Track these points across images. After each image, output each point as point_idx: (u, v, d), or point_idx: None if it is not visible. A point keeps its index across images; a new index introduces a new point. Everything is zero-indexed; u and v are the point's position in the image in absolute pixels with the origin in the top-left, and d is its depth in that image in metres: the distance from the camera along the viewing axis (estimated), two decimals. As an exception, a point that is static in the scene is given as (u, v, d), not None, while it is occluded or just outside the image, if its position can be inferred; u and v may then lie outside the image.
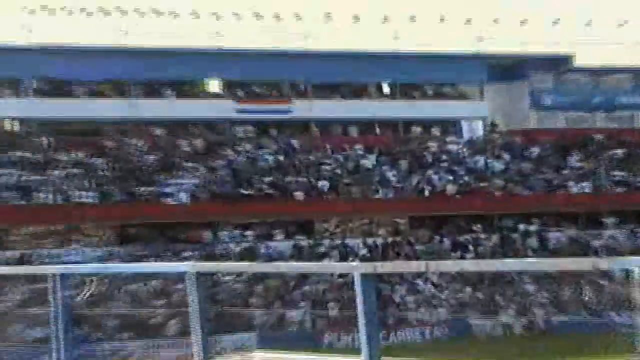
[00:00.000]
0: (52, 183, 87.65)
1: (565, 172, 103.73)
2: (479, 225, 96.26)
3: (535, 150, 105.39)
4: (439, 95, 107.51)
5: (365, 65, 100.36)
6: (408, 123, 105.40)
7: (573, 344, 59.29)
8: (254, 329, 63.80)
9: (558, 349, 56.77)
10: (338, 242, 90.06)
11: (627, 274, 12.71)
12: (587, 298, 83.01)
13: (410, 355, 29.75)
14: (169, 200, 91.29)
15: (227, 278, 66.73)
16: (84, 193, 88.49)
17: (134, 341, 54.39)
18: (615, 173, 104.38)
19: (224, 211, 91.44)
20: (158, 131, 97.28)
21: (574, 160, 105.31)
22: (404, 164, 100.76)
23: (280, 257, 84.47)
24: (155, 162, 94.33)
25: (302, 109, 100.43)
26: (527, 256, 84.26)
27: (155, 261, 70.69)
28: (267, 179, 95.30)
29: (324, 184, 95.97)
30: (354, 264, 16.91)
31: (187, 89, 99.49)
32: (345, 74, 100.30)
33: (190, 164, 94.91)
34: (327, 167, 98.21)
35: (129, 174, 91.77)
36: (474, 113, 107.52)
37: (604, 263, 13.58)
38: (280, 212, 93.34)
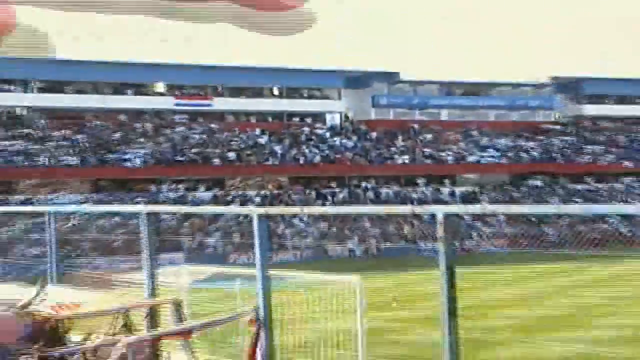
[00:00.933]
0: (48, 151, 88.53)
1: (392, 149, 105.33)
2: (334, 184, 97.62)
3: (374, 134, 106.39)
4: (311, 96, 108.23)
5: (263, 75, 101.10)
6: (290, 115, 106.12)
7: (395, 263, 59.89)
8: (183, 251, 64.13)
9: (385, 266, 57.43)
10: (240, 193, 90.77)
11: (433, 216, 13.34)
12: (405, 232, 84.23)
13: (287, 269, 30.33)
14: (128, 164, 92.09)
15: (165, 216, 67.14)
16: (69, 158, 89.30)
17: (102, 257, 54.54)
18: (425, 150, 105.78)
19: (164, 172, 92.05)
20: (121, 117, 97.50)
21: (399, 141, 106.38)
22: (286, 142, 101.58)
23: (202, 202, 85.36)
24: (119, 138, 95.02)
25: (220, 103, 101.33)
26: (366, 204, 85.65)
27: (118, 204, 70.93)
28: (195, 150, 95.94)
29: (232, 155, 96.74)
30: (252, 208, 17.64)
31: (142, 88, 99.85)
32: (249, 80, 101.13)
33: (142, 140, 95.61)
34: (235, 144, 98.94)
35: (101, 146, 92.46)
36: (334, 108, 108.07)
37: (418, 209, 14.40)
38: (203, 173, 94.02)
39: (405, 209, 72.01)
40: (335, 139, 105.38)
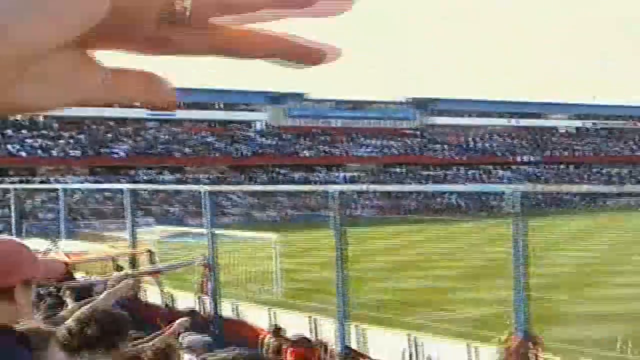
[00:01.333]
0: (58, 146, 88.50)
1: (300, 147, 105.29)
2: (260, 171, 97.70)
3: (288, 136, 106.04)
4: (243, 109, 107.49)
5: (210, 94, 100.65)
6: (229, 121, 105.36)
7: (302, 226, 59.75)
8: (154, 216, 63.62)
9: (295, 228, 57.33)
10: (194, 176, 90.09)
11: (328, 192, 13.59)
12: (310, 204, 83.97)
13: (226, 229, 30.49)
14: (115, 156, 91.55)
15: (141, 192, 66.76)
16: (73, 151, 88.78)
17: (97, 221, 53.91)
18: (323, 146, 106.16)
19: (141, 161, 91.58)
20: (111, 122, 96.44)
21: (306, 141, 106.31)
22: (226, 141, 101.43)
23: (167, 183, 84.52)
24: (109, 137, 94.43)
25: (181, 114, 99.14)
26: (281, 184, 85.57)
27: (108, 184, 70.41)
28: (162, 147, 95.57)
29: (189, 150, 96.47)
30: (202, 186, 17.67)
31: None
32: (201, 98, 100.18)
33: (125, 139, 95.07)
34: (191, 142, 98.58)
35: (96, 143, 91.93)
36: (260, 118, 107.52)
37: (319, 188, 14.56)
38: (168, 163, 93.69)
39: (309, 187, 70.45)
40: (260, 139, 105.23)
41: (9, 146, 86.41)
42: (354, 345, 13.65)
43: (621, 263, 39.54)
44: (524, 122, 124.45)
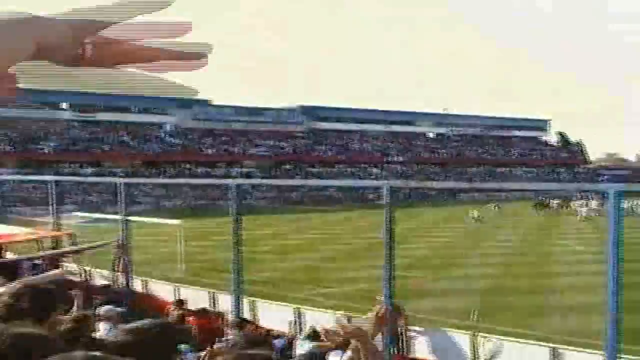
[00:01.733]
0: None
1: (204, 146, 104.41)
2: (169, 166, 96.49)
3: (193, 137, 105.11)
4: (155, 112, 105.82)
5: (126, 98, 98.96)
6: (142, 123, 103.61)
7: (205, 212, 59.40)
8: (77, 204, 62.06)
9: (198, 214, 57.00)
10: (112, 170, 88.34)
11: (228, 185, 13.63)
12: (211, 193, 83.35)
13: (138, 216, 30.24)
14: (44, 151, 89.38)
15: (65, 183, 65.30)
16: (7, 147, 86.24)
17: (26, 207, 52.45)
18: (223, 145, 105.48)
19: (66, 157, 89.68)
20: (42, 123, 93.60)
21: (209, 140, 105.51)
22: (140, 140, 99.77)
23: (84, 175, 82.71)
24: (39, 135, 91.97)
25: (100, 116, 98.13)
26: (187, 177, 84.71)
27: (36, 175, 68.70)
28: (84, 144, 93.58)
29: (107, 147, 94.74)
30: (117, 178, 17.45)
31: (52, 105, 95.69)
32: (119, 102, 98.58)
33: (53, 137, 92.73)
34: (108, 140, 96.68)
35: (28, 140, 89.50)
36: (169, 120, 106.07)
37: (218, 181, 14.46)
38: (90, 158, 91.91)
39: (211, 180, 69.19)
40: (169, 139, 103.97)
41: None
42: (247, 316, 13.71)
43: (473, 248, 40.55)
44: (396, 127, 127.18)
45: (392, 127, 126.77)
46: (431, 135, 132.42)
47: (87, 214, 36.89)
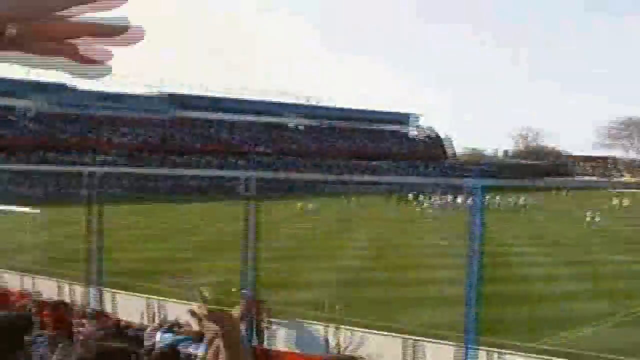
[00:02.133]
0: None
1: (67, 135, 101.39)
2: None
3: (56, 122, 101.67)
4: (15, 97, 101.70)
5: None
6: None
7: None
8: None
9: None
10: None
11: (91, 173, 13.16)
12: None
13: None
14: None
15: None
16: None
17: None
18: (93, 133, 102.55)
19: None
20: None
21: (71, 126, 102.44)
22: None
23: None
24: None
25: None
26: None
27: None
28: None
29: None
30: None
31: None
32: None
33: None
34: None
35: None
36: (32, 106, 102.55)
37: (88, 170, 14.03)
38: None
39: (67, 168, 66.36)
40: (29, 124, 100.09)
41: None
42: (107, 308, 13.47)
43: (332, 239, 41.12)
44: (263, 118, 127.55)
45: (258, 118, 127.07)
46: (298, 126, 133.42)
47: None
